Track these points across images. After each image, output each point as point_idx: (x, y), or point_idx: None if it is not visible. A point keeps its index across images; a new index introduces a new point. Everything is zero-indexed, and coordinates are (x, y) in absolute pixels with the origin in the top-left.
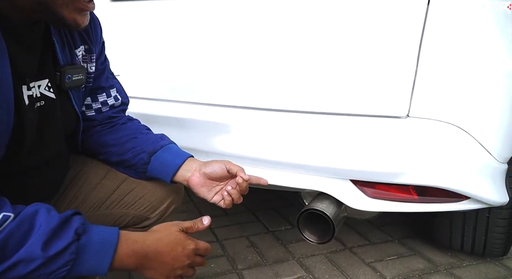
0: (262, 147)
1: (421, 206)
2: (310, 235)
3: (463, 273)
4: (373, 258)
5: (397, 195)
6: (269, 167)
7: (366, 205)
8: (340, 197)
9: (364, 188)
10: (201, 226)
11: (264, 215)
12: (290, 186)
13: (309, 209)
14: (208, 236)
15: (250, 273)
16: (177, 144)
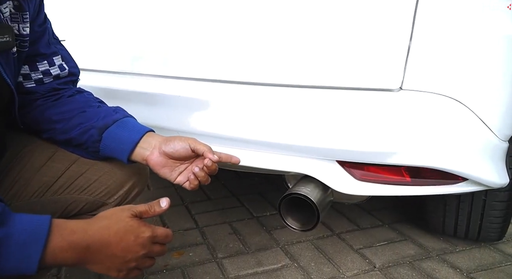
0: (239, 125)
1: (414, 189)
2: (293, 221)
3: (456, 259)
4: (362, 244)
5: (388, 177)
6: (247, 147)
7: (354, 188)
8: (326, 180)
9: (351, 169)
10: (158, 209)
11: (248, 200)
12: (270, 169)
13: (292, 193)
14: (187, 223)
15: (231, 262)
16: (143, 122)
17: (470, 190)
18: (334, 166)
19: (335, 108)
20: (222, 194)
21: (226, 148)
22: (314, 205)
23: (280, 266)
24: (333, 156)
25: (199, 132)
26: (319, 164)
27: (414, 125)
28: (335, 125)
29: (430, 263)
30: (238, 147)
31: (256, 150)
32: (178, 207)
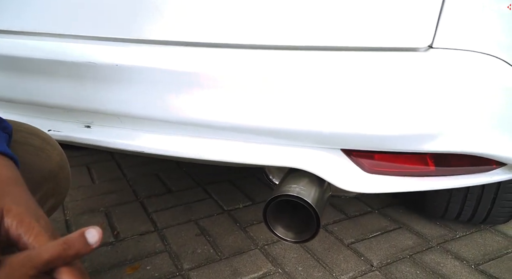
0: (203, 104)
1: (439, 181)
2: (284, 231)
3: (460, 247)
4: (353, 236)
5: (406, 168)
6: (212, 134)
7: (363, 184)
8: (326, 175)
9: (360, 159)
10: (82, 248)
11: (217, 190)
12: (250, 163)
13: (280, 195)
14: (143, 224)
15: (200, 274)
16: (60, 104)
17: (505, 178)
18: (337, 157)
19: (342, 78)
20: (185, 185)
21: (185, 137)
22: (312, 208)
23: (261, 274)
24: (338, 143)
25: (145, 116)
26: (317, 154)
27: (449, 97)
28: (342, 102)
29: (433, 256)
30: (204, 134)
31: (229, 138)
32: (131, 204)
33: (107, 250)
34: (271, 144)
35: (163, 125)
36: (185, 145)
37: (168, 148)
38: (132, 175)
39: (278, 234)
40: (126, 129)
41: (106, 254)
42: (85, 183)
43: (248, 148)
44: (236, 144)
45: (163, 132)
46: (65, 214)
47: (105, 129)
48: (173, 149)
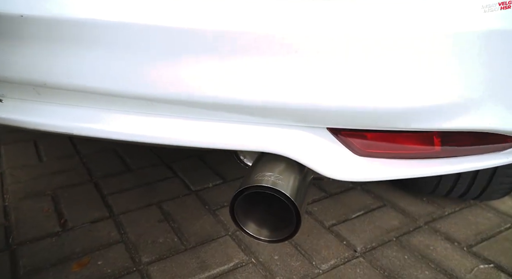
0: (154, 74)
1: (446, 165)
2: (256, 229)
3: (449, 226)
4: (334, 217)
5: (407, 148)
6: (167, 111)
7: (354, 170)
8: (308, 160)
9: (350, 140)
10: None
11: (183, 168)
12: (211, 147)
13: (251, 187)
14: (97, 210)
15: (160, 269)
16: None
17: None
18: (321, 137)
19: (328, 30)
20: (146, 162)
21: (128, 115)
22: (290, 202)
23: (232, 266)
24: (324, 120)
25: (75, 85)
26: (297, 135)
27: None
28: (329, 65)
29: (421, 237)
30: (156, 111)
31: (187, 116)
32: (84, 185)
33: (51, 243)
34: (240, 123)
35: (98, 99)
36: (130, 125)
37: (105, 128)
38: (87, 151)
39: (250, 233)
40: (46, 104)
41: (50, 248)
42: (30, 162)
43: (211, 128)
44: (195, 124)
45: (99, 108)
46: (4, 198)
47: (19, 103)
48: (110, 129)
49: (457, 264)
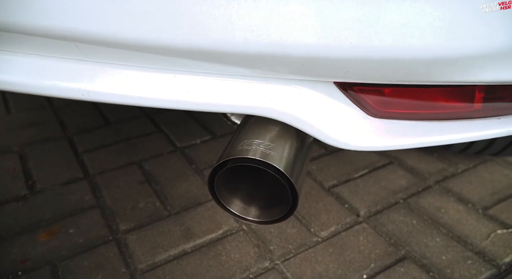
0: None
1: (485, 128)
2: (243, 207)
3: (463, 185)
4: (335, 178)
5: (438, 107)
6: (137, 61)
7: (368, 137)
8: (308, 125)
9: (364, 97)
10: None
11: (168, 121)
12: (188, 108)
13: (236, 159)
14: (70, 169)
15: (140, 238)
16: None
17: None
18: (326, 95)
19: None
20: (127, 114)
21: (84, 65)
22: (285, 178)
23: (220, 234)
24: (331, 71)
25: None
26: (294, 92)
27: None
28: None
29: (431, 198)
30: (123, 61)
31: (160, 67)
32: (56, 141)
33: (17, 208)
34: (219, 76)
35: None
36: (87, 78)
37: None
38: (60, 102)
39: (235, 212)
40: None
41: (15, 214)
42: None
43: (179, 83)
44: (167, 77)
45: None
46: None
47: None
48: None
49: (471, 229)
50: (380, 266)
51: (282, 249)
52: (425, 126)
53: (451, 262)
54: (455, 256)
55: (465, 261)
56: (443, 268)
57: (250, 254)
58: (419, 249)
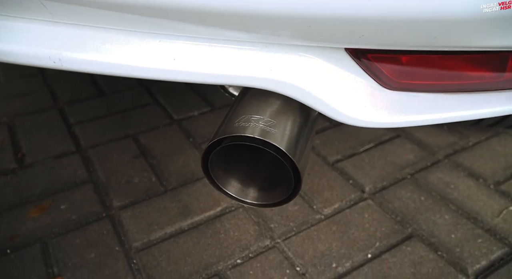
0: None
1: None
2: (240, 188)
3: (474, 159)
4: (340, 152)
5: (465, 77)
6: (125, 24)
7: (383, 112)
8: (314, 100)
9: (379, 65)
10: None
11: (165, 92)
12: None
13: (232, 137)
14: (61, 142)
15: (134, 215)
16: None
17: None
18: (334, 65)
19: None
20: (122, 84)
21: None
22: (287, 159)
23: (219, 211)
24: (344, 36)
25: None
26: (297, 61)
27: None
28: None
29: (440, 173)
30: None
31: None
32: (47, 112)
33: (6, 182)
34: (213, 42)
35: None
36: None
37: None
38: (51, 70)
39: (232, 194)
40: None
41: (4, 188)
42: None
43: (175, 51)
44: (151, 43)
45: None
46: None
47: None
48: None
49: (482, 206)
50: (386, 244)
51: (283, 227)
52: (447, 99)
53: (460, 241)
54: (464, 234)
55: (475, 239)
56: (452, 247)
57: (249, 232)
58: (427, 227)
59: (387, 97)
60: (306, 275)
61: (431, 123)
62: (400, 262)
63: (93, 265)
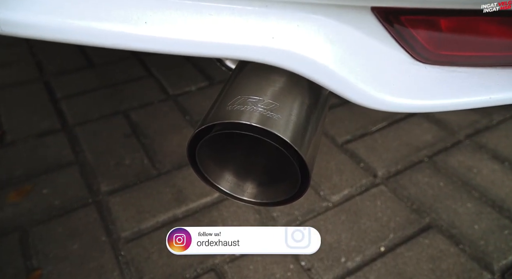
0: None
1: None
2: (237, 184)
3: (498, 140)
4: (350, 132)
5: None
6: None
7: (413, 94)
8: (328, 77)
9: (413, 32)
10: None
11: (160, 65)
12: (161, 49)
13: (224, 124)
14: (46, 118)
15: (123, 201)
16: None
17: None
18: (356, 30)
19: None
20: (114, 55)
21: None
22: (292, 152)
23: (216, 197)
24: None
25: None
26: (307, 26)
27: None
28: None
29: (461, 156)
30: None
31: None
32: (31, 85)
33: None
34: (204, 6)
35: None
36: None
37: None
38: (34, 42)
39: (225, 190)
40: None
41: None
42: None
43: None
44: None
45: None
46: None
47: None
48: None
49: (509, 193)
50: (401, 236)
51: (286, 216)
52: (500, 75)
53: (485, 232)
54: (489, 224)
55: (501, 230)
56: (475, 240)
57: (249, 222)
58: (447, 217)
59: (422, 74)
60: (312, 271)
61: (474, 107)
62: (417, 257)
63: (76, 257)
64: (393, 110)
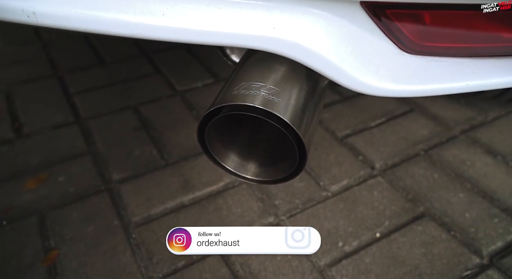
0: None
1: None
2: (241, 163)
3: (492, 135)
4: (349, 127)
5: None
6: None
7: (402, 79)
8: (324, 64)
9: (399, 24)
10: None
11: (167, 61)
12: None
13: (230, 106)
14: (59, 112)
15: (134, 189)
16: None
17: None
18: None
19: None
20: (123, 53)
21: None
22: (291, 132)
23: (222, 186)
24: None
25: None
26: (305, 18)
27: None
28: None
29: (456, 150)
30: None
31: None
32: (45, 81)
33: (2, 152)
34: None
35: None
36: None
37: None
38: (51, 36)
39: (231, 169)
40: None
41: (0, 159)
42: None
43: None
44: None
45: None
46: None
47: None
48: None
49: (500, 184)
50: (396, 224)
51: (288, 204)
52: (476, 65)
53: (475, 220)
54: (480, 213)
55: (491, 219)
56: (466, 227)
57: (253, 209)
58: (440, 206)
59: (406, 63)
60: (312, 255)
61: (453, 92)
62: (410, 242)
63: (90, 239)
64: (380, 94)
